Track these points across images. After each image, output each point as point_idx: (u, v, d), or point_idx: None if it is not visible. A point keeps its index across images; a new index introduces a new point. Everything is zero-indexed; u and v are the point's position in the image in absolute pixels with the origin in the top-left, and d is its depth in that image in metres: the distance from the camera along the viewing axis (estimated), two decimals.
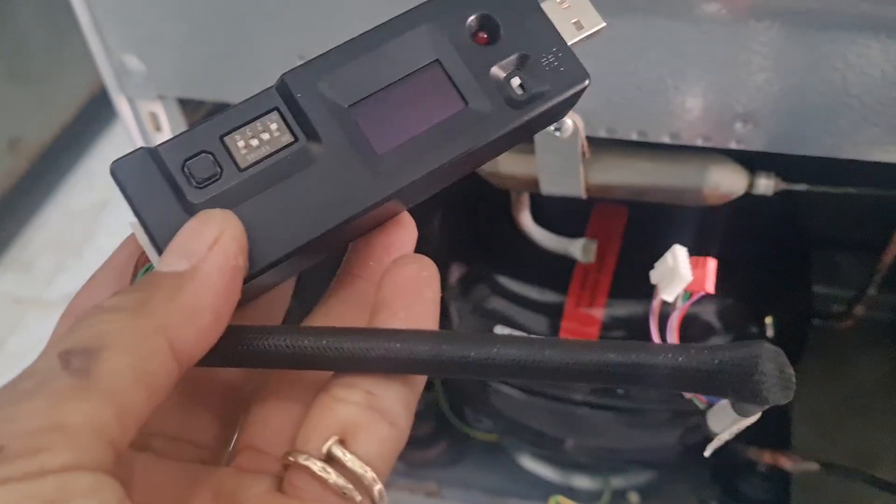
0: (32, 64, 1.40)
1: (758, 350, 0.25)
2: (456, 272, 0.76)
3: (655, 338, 0.44)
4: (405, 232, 0.30)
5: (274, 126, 0.27)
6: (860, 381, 1.01)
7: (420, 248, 0.30)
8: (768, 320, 0.71)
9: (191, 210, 0.26)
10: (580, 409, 0.76)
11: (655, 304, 0.43)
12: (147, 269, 0.28)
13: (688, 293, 0.43)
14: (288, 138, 0.27)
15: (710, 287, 0.42)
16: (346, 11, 0.50)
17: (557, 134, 0.50)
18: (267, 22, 0.52)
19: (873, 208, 0.85)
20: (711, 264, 0.42)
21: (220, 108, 0.68)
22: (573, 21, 0.29)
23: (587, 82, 0.28)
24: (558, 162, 0.53)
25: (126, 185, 0.26)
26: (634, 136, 0.49)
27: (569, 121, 0.49)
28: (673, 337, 0.43)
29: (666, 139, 0.49)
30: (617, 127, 0.49)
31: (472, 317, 0.75)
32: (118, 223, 1.37)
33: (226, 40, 0.55)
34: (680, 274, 0.41)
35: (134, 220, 0.26)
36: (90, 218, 1.45)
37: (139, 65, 0.58)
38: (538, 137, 0.51)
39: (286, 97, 0.27)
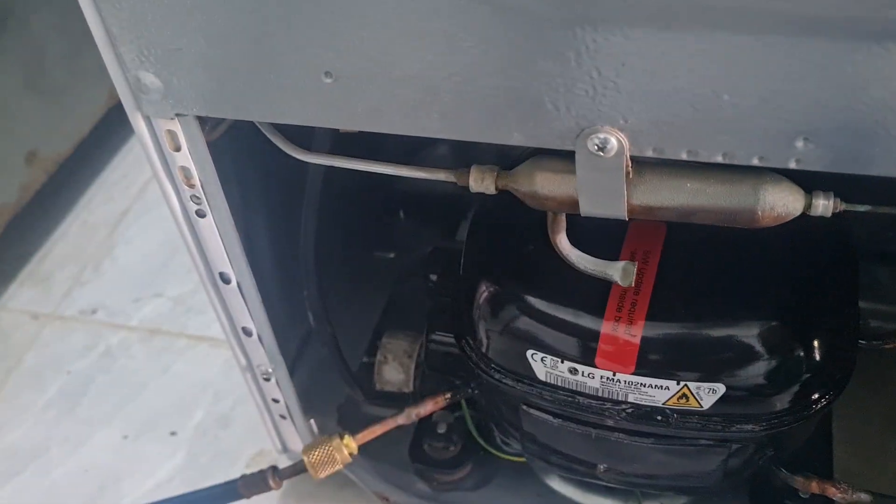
0: (50, 76, 1.39)
1: None
2: (485, 291, 0.72)
3: None
4: None
5: None
6: None
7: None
8: (816, 343, 0.67)
9: None
10: (614, 436, 0.73)
11: None
12: None
13: None
14: None
15: None
16: (373, 26, 0.48)
17: (602, 154, 0.46)
18: (290, 37, 0.50)
19: None
20: None
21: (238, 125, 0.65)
22: None
23: None
24: (600, 183, 0.49)
25: None
26: (684, 156, 0.46)
27: (613, 139, 0.46)
28: None
29: (718, 159, 0.46)
30: (665, 146, 0.46)
31: (502, 338, 0.72)
32: (137, 236, 1.35)
33: (246, 56, 0.52)
34: None
35: None
36: (108, 231, 1.44)
37: (156, 82, 0.55)
38: (580, 156, 0.48)
39: None
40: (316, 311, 0.83)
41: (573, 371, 0.69)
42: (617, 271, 0.59)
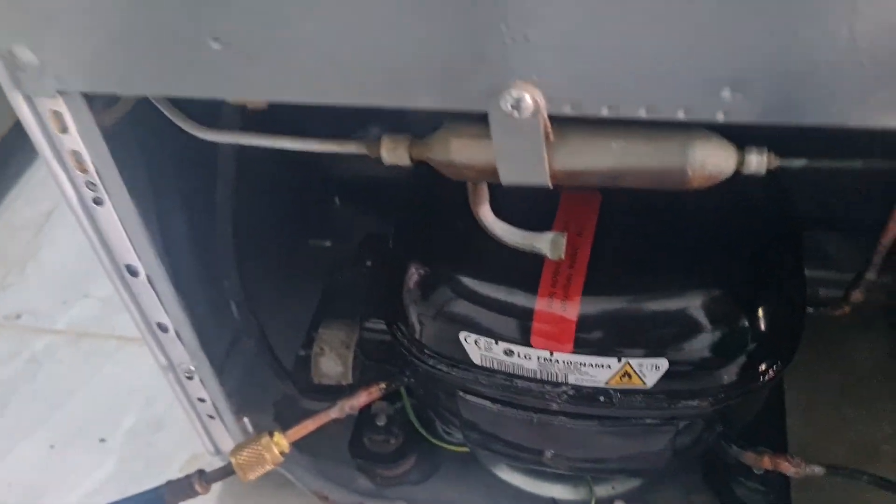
0: None
1: None
2: (415, 274, 0.68)
3: None
4: None
5: None
6: (856, 370, 0.95)
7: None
8: (761, 312, 0.64)
9: None
10: (557, 420, 0.70)
11: None
12: None
13: None
14: None
15: None
16: None
17: (517, 114, 0.42)
18: None
19: (867, 185, 0.79)
20: None
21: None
22: None
23: None
24: (518, 146, 0.45)
25: None
26: (605, 112, 0.42)
27: (527, 97, 0.42)
28: None
29: (641, 113, 0.42)
30: (583, 101, 0.42)
31: (433, 321, 0.68)
32: (63, 237, 1.28)
33: (126, 23, 0.47)
34: None
35: None
36: (33, 233, 1.37)
37: (31, 56, 0.50)
38: (494, 118, 0.44)
39: None
40: (238, 302, 0.78)
41: (509, 353, 0.65)
42: (545, 244, 0.55)
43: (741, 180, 0.69)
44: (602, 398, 0.66)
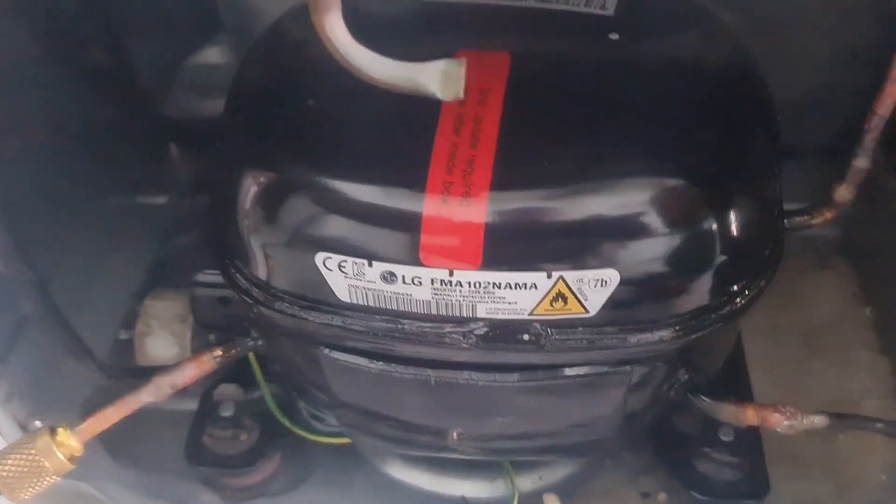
0: None
1: None
2: (249, 181, 0.47)
3: None
4: None
5: None
6: (819, 317, 0.79)
7: None
8: (736, 206, 0.46)
9: None
10: (464, 377, 0.49)
11: None
12: None
13: None
14: None
15: None
16: None
17: None
18: None
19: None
20: None
21: None
22: None
23: None
24: None
25: None
26: None
27: None
28: None
29: None
30: None
31: (279, 247, 0.47)
32: None
33: None
34: None
35: None
36: None
37: None
38: None
39: None
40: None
41: (389, 278, 0.44)
42: (433, 78, 0.35)
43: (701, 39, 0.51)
44: (526, 336, 0.46)
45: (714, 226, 0.45)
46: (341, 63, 0.36)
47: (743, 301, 0.48)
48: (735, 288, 0.48)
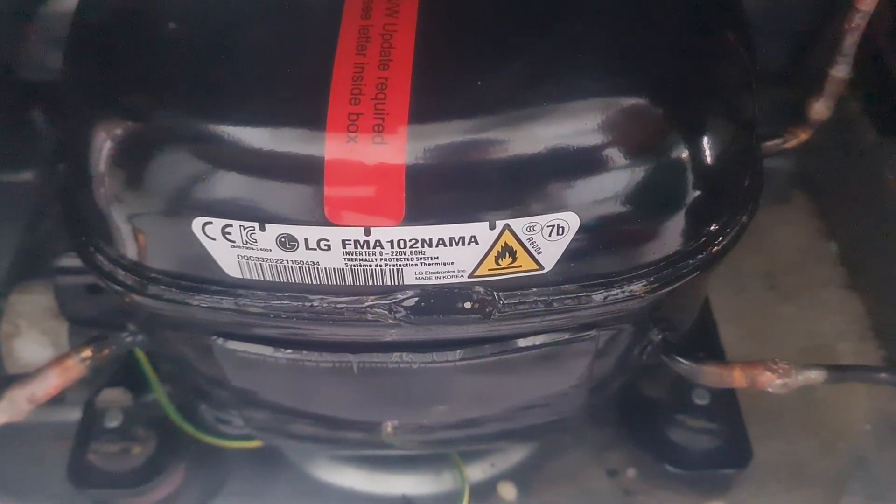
0: None
1: None
2: (102, 135, 0.36)
3: None
4: None
5: None
6: (782, 257, 0.72)
7: None
8: (706, 138, 0.37)
9: None
10: (394, 360, 0.40)
11: None
12: None
13: None
14: None
15: None
16: None
17: None
18: None
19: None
20: None
21: None
22: None
23: None
24: None
25: None
26: None
27: None
28: None
29: None
30: None
31: (148, 216, 0.36)
32: None
33: None
34: None
35: None
36: None
37: None
38: None
39: None
40: None
41: (287, 243, 0.35)
42: None
43: None
44: (468, 304, 0.36)
45: (686, 153, 0.36)
46: None
47: (724, 241, 0.40)
48: (714, 227, 0.39)
